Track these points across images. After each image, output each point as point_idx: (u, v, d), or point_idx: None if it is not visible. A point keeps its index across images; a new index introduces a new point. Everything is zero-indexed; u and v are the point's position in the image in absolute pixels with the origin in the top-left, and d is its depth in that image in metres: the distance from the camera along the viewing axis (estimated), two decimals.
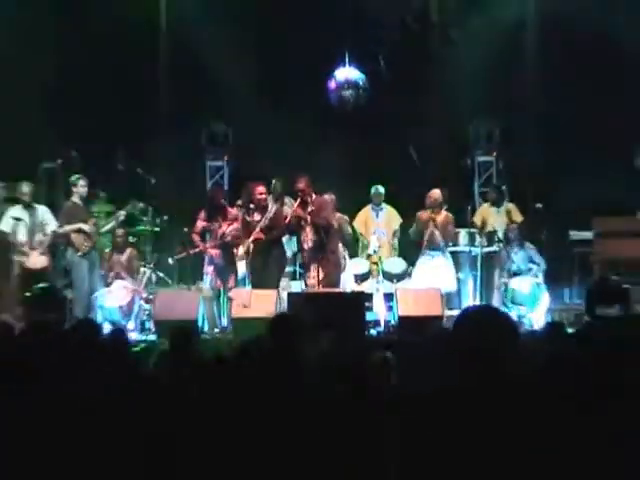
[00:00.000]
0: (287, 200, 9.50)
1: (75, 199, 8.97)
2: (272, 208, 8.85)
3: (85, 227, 8.86)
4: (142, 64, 10.80)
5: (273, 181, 9.61)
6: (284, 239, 9.21)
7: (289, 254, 9.53)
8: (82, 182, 8.92)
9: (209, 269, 9.01)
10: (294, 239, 9.63)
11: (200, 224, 9.00)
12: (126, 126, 10.43)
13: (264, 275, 8.68)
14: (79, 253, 8.78)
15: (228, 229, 8.89)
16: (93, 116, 10.32)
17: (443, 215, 9.30)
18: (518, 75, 10.70)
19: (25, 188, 8.96)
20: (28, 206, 8.94)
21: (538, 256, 9.06)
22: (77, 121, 10.23)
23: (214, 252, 8.89)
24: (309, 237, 8.76)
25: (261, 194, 8.80)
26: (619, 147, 10.21)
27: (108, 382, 3.28)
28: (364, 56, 10.88)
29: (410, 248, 9.71)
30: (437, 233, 9.17)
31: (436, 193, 9.28)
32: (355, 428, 2.86)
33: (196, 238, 9.00)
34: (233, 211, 9.24)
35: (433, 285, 8.80)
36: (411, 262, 9.50)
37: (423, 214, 9.32)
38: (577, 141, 10.21)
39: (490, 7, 10.67)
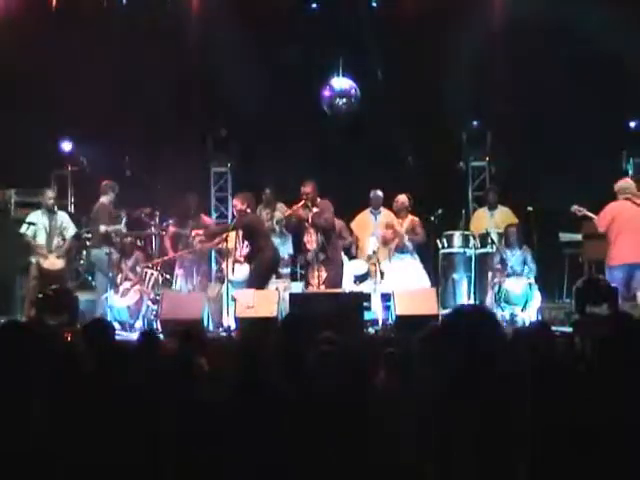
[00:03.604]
0: (279, 206, 9.87)
1: (104, 200, 9.34)
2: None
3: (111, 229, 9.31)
4: (148, 70, 10.79)
5: (267, 191, 9.97)
6: (279, 241, 9.53)
7: (286, 256, 9.88)
8: (111, 187, 9.39)
9: (180, 272, 9.46)
10: (289, 241, 9.98)
11: (172, 229, 9.37)
12: (133, 133, 10.60)
13: (250, 278, 8.94)
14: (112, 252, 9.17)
15: (196, 239, 9.32)
16: (100, 123, 10.37)
17: (409, 219, 9.52)
18: (508, 79, 10.73)
19: (50, 194, 9.32)
20: (49, 211, 9.24)
21: (532, 262, 9.25)
22: (84, 128, 10.48)
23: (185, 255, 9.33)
24: (312, 239, 9.00)
25: (234, 206, 9.11)
26: (607, 150, 10.43)
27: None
28: (359, 64, 11.12)
29: None
30: (407, 241, 9.43)
31: (402, 197, 9.55)
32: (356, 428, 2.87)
33: (168, 244, 9.44)
34: (207, 220, 9.67)
35: (405, 285, 9.06)
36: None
37: (391, 224, 9.60)
38: (566, 144, 10.36)
39: (481, 11, 10.79)
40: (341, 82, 10.96)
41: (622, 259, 8.55)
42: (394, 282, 9.24)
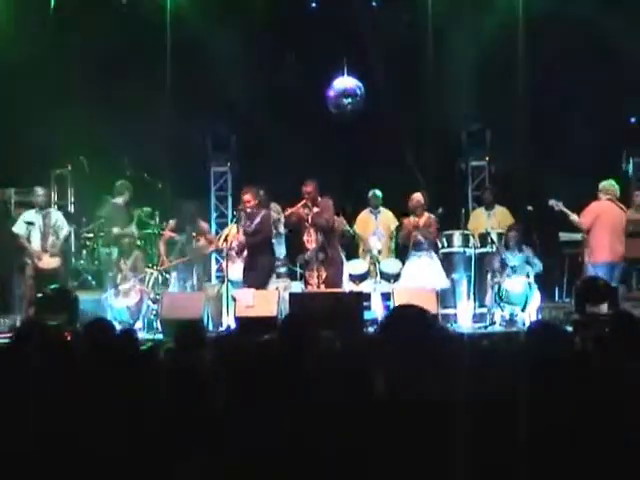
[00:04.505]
0: (272, 205, 9.88)
1: (119, 201, 9.38)
2: (257, 214, 9.01)
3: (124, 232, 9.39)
4: (148, 69, 10.89)
5: (261, 192, 9.97)
6: (275, 241, 9.54)
7: (281, 255, 9.87)
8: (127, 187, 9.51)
9: (174, 274, 9.50)
10: (283, 241, 9.97)
11: (168, 234, 9.38)
12: (132, 132, 10.56)
13: (252, 276, 8.92)
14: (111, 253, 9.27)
15: (194, 245, 9.34)
16: (100, 122, 10.38)
17: (425, 217, 9.49)
18: (509, 78, 10.76)
19: (40, 192, 9.30)
20: (42, 210, 9.24)
21: (535, 259, 9.21)
22: (85, 128, 10.50)
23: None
24: (311, 238, 9.00)
25: (247, 201, 8.91)
26: (607, 150, 10.46)
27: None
28: (362, 64, 11.13)
29: (406, 249, 9.96)
30: (420, 236, 9.39)
31: (418, 196, 9.51)
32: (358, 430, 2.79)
33: (163, 250, 9.44)
34: (204, 225, 9.66)
35: (422, 284, 9.04)
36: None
37: (407, 220, 9.58)
38: (566, 144, 10.39)
39: (480, 10, 10.79)
40: (346, 82, 10.98)
41: (604, 257, 8.84)
42: (412, 280, 9.26)
